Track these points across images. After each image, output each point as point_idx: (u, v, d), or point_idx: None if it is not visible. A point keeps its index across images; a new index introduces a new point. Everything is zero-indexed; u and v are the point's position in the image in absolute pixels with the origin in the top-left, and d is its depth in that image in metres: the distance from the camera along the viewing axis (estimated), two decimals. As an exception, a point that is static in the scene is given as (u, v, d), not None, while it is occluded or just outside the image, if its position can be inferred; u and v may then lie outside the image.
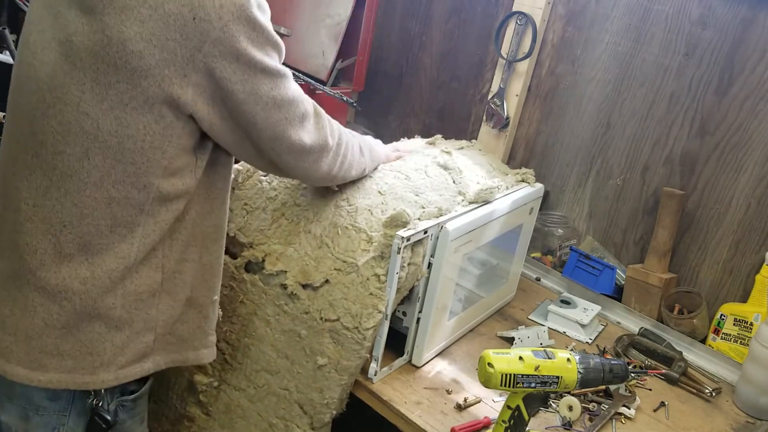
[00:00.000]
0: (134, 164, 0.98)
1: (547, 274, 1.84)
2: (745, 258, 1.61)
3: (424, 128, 2.22)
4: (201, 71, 0.95)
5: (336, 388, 1.24)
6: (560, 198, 1.92)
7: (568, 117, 1.87)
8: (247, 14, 0.96)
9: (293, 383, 1.27)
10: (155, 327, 1.09)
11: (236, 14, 0.94)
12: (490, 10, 1.99)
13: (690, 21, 1.62)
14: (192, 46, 0.93)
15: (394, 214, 1.21)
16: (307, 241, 1.27)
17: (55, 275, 1.00)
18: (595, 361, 1.10)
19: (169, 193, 1.02)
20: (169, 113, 0.96)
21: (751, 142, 1.57)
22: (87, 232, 1.00)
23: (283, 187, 1.32)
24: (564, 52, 1.85)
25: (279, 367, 1.28)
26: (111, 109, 0.94)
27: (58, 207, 0.99)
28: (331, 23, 1.94)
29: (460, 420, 1.26)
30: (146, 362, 1.10)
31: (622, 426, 1.30)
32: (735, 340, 1.57)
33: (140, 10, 0.91)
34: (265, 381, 1.29)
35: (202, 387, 1.35)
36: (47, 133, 0.97)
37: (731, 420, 1.38)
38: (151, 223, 1.02)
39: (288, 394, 1.28)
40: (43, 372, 1.03)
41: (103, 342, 1.04)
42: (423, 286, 1.31)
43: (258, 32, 0.98)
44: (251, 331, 1.30)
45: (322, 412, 1.25)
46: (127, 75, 0.92)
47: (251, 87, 0.99)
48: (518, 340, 1.51)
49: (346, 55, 2.02)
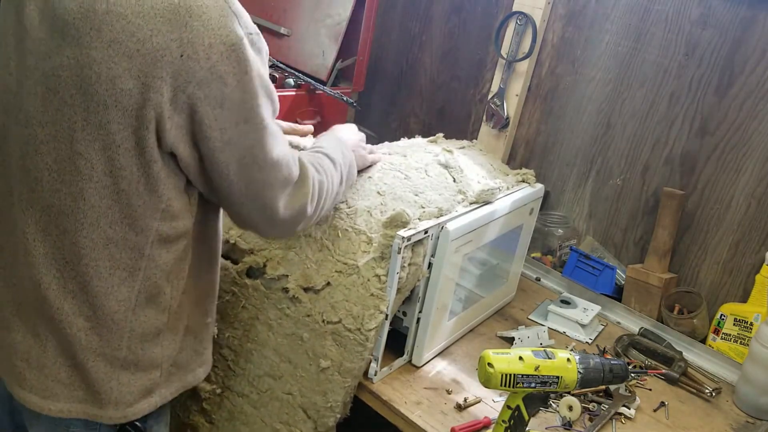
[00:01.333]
0: (130, 206, 0.94)
1: (547, 274, 1.84)
2: (745, 258, 1.61)
3: (424, 128, 2.22)
4: (184, 111, 0.89)
5: (339, 390, 1.24)
6: (560, 198, 1.93)
7: (568, 117, 1.87)
8: (239, 54, 0.88)
9: (296, 387, 1.27)
10: (161, 364, 1.08)
11: (226, 54, 0.87)
12: (490, 10, 1.99)
13: (690, 21, 1.62)
14: (177, 86, 0.87)
15: (393, 214, 1.21)
16: (307, 245, 1.28)
17: (59, 310, 0.98)
18: (595, 361, 1.10)
19: (169, 235, 0.99)
20: (159, 154, 0.92)
21: (751, 142, 1.57)
22: (86, 272, 0.97)
23: None
24: (564, 52, 1.85)
25: (282, 372, 1.28)
26: (104, 149, 0.91)
27: (58, 244, 0.97)
28: (331, 23, 1.94)
29: (460, 420, 1.26)
30: (153, 397, 1.08)
31: (622, 426, 1.30)
32: (735, 340, 1.57)
33: (128, 44, 0.85)
34: (269, 386, 1.29)
35: (206, 394, 1.35)
36: (42, 170, 0.94)
37: (731, 420, 1.38)
38: (152, 266, 0.99)
39: (291, 399, 1.27)
40: (55, 401, 1.02)
41: (110, 381, 1.03)
42: (423, 286, 1.31)
43: (249, 76, 0.91)
44: (253, 336, 1.29)
45: (326, 416, 1.25)
46: (118, 115, 0.88)
47: (230, 137, 0.92)
48: (518, 340, 1.52)
49: (346, 55, 2.02)
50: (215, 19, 0.87)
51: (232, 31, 0.88)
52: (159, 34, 0.85)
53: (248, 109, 0.93)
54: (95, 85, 0.87)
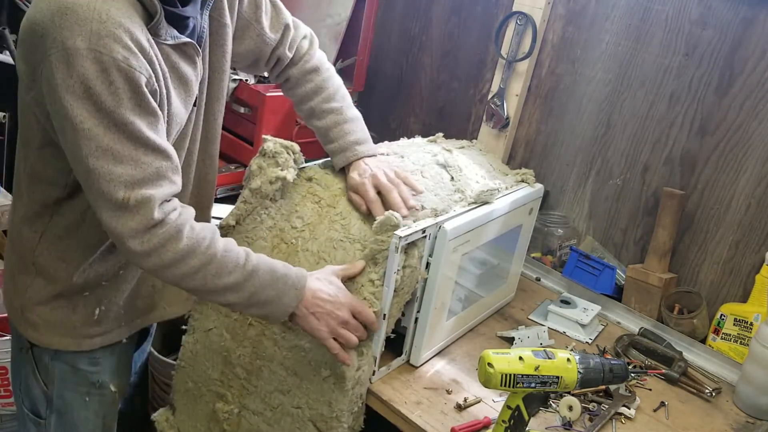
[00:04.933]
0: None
1: (547, 274, 1.84)
2: (745, 258, 1.61)
3: (424, 128, 2.22)
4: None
5: (343, 399, 1.23)
6: (560, 198, 1.92)
7: (568, 117, 1.87)
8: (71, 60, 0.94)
9: (304, 400, 1.26)
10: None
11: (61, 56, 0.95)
12: (490, 10, 2.00)
13: (690, 21, 1.62)
14: (37, 60, 0.97)
15: (382, 219, 1.20)
16: (305, 259, 1.28)
17: None
18: (595, 361, 1.10)
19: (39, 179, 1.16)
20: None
21: (751, 142, 1.57)
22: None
23: (280, 216, 1.33)
24: (564, 52, 1.85)
25: (290, 386, 1.27)
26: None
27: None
28: (331, 23, 1.94)
29: (460, 420, 1.26)
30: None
31: (622, 426, 1.30)
32: (735, 340, 1.57)
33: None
34: (279, 402, 1.29)
35: (224, 415, 1.35)
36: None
37: (731, 420, 1.38)
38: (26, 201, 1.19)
39: (301, 413, 1.26)
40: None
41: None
42: (421, 286, 1.31)
43: (75, 80, 0.95)
44: (261, 352, 1.29)
45: (334, 426, 1.24)
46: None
47: (58, 125, 1.00)
48: (518, 340, 1.51)
49: (346, 55, 2.02)
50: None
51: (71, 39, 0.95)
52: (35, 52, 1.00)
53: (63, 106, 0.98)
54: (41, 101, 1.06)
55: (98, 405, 1.32)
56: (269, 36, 1.32)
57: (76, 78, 0.94)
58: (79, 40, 0.93)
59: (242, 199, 1.32)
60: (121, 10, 0.97)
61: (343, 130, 1.36)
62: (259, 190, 1.29)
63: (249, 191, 1.30)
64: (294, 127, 2.02)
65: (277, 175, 1.29)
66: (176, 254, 1.04)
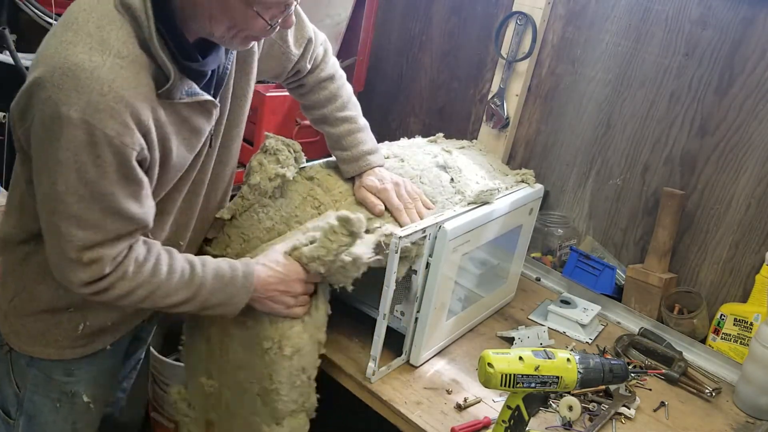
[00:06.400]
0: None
1: (547, 274, 1.84)
2: (745, 258, 1.61)
3: (424, 128, 2.22)
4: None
5: (282, 371, 1.20)
6: (560, 198, 1.92)
7: (568, 117, 1.87)
8: (54, 122, 0.92)
9: (252, 374, 1.25)
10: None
11: (44, 116, 0.93)
12: (490, 10, 2.00)
13: (690, 21, 1.62)
14: (30, 103, 0.95)
15: (351, 218, 1.15)
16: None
17: None
18: (595, 361, 1.10)
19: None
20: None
21: (751, 142, 1.57)
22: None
23: (279, 218, 1.33)
24: (564, 52, 1.85)
25: (244, 362, 1.27)
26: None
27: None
28: (331, 23, 1.94)
29: (460, 420, 1.26)
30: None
31: (622, 426, 1.30)
32: (735, 340, 1.57)
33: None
34: (240, 378, 1.28)
35: (209, 389, 1.35)
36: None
37: (731, 420, 1.38)
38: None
39: (251, 387, 1.26)
40: None
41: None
42: (421, 286, 1.31)
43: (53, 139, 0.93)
44: (226, 330, 1.29)
45: (274, 399, 1.22)
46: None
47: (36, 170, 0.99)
48: (518, 340, 1.51)
49: (346, 55, 2.02)
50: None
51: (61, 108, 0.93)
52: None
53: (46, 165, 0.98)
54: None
55: (68, 412, 1.30)
56: (294, 53, 1.32)
57: (64, 143, 0.92)
58: (74, 110, 0.91)
59: (240, 194, 1.32)
60: (128, 80, 0.94)
61: (356, 139, 1.38)
62: (258, 186, 1.29)
63: (248, 187, 1.30)
64: (294, 127, 2.02)
65: (277, 172, 1.29)
66: (122, 291, 1.06)
